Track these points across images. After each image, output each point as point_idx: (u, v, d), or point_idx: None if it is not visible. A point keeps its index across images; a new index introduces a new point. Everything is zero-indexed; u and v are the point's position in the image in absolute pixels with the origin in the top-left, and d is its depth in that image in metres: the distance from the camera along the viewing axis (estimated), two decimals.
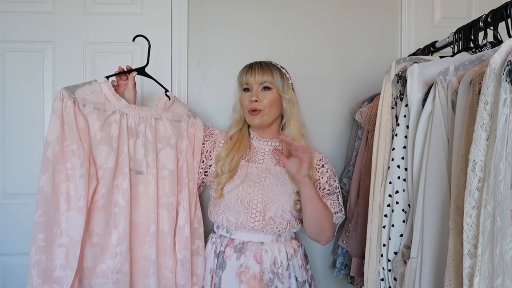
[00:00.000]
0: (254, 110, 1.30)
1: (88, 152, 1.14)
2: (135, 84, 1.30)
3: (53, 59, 1.61)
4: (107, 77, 1.24)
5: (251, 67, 1.34)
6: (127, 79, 1.29)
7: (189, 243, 1.27)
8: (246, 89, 1.34)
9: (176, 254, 1.26)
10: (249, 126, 1.41)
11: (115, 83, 1.28)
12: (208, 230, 1.41)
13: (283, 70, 1.36)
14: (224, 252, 1.29)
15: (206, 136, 1.38)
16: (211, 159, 1.36)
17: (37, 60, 1.60)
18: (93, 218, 1.16)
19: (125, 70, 1.28)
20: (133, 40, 1.29)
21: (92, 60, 1.62)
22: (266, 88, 1.31)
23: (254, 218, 1.26)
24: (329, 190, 1.33)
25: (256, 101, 1.29)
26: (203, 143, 1.36)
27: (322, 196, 1.32)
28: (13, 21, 1.59)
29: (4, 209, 1.60)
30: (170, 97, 1.33)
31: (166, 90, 1.34)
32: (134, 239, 1.22)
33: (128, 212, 1.19)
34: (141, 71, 1.31)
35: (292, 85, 1.37)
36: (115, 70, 1.27)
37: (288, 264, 1.30)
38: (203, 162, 1.36)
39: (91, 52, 1.62)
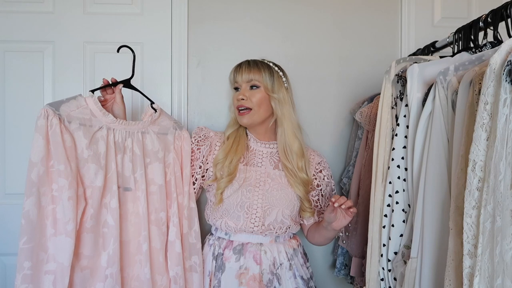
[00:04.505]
0: (242, 109, 1.28)
1: (76, 172, 1.09)
2: (122, 97, 1.25)
3: (53, 59, 1.60)
4: (92, 91, 1.20)
5: (239, 66, 1.31)
6: (113, 92, 1.24)
7: (181, 259, 1.22)
8: (236, 88, 1.32)
9: (169, 272, 1.21)
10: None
11: (102, 99, 1.22)
12: (204, 233, 1.39)
13: (275, 68, 1.31)
14: (223, 254, 1.28)
15: (201, 140, 1.33)
16: (208, 163, 1.33)
17: (37, 60, 1.60)
18: (82, 240, 1.10)
19: (110, 82, 1.23)
20: (118, 51, 1.25)
21: (92, 60, 1.61)
22: (254, 87, 1.28)
23: (254, 223, 1.25)
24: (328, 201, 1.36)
25: (243, 99, 1.26)
26: (199, 148, 1.32)
27: (323, 206, 1.36)
28: (13, 21, 1.59)
29: (4, 209, 1.60)
30: (157, 110, 1.29)
31: (152, 102, 1.30)
32: (125, 259, 1.16)
33: (118, 231, 1.13)
34: (127, 83, 1.26)
35: (285, 83, 1.32)
36: (116, 70, 1.26)
37: (290, 264, 1.29)
38: (200, 167, 1.32)
39: (91, 52, 1.61)
